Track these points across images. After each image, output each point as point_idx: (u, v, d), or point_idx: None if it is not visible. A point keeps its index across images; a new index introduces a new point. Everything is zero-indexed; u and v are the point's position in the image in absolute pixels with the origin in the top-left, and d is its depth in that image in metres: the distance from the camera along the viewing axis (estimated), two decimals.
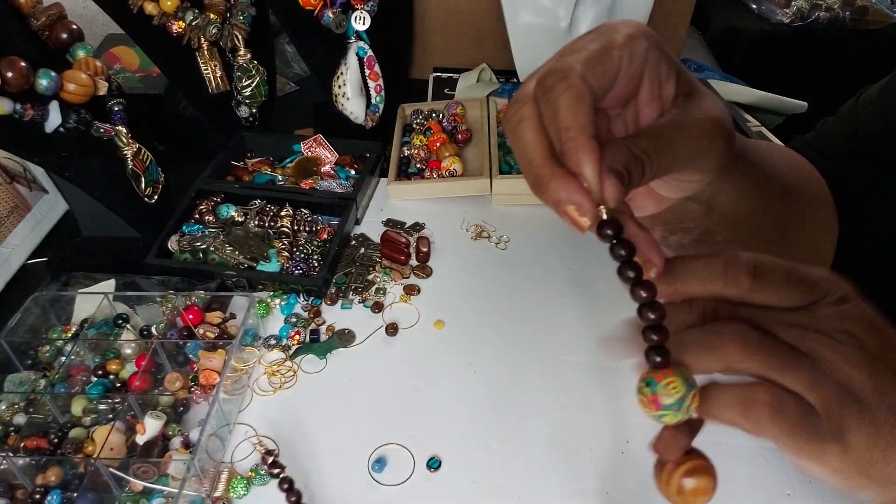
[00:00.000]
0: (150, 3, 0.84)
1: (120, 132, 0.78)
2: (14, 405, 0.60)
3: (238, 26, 0.89)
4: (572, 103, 0.30)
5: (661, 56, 0.34)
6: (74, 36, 0.75)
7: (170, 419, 0.59)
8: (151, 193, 0.83)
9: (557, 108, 0.30)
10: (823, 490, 0.56)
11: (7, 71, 0.64)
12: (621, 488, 0.56)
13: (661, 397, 0.28)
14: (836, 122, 0.57)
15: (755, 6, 1.39)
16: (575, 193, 0.29)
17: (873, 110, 0.53)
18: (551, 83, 0.31)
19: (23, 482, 0.54)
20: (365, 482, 0.56)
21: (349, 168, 0.91)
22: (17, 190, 0.80)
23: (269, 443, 0.59)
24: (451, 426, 0.61)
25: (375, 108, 0.99)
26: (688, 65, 1.18)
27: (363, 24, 0.94)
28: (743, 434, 0.30)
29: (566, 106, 0.30)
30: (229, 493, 0.55)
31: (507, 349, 0.68)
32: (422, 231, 0.83)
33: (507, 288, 0.75)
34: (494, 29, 1.09)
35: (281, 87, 1.11)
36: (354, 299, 0.74)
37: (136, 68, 1.02)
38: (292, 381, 0.65)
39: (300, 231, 0.80)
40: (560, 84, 0.30)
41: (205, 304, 0.69)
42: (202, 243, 0.76)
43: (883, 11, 1.35)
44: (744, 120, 0.94)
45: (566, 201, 0.29)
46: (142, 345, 0.65)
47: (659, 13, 1.06)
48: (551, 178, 0.30)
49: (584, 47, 0.32)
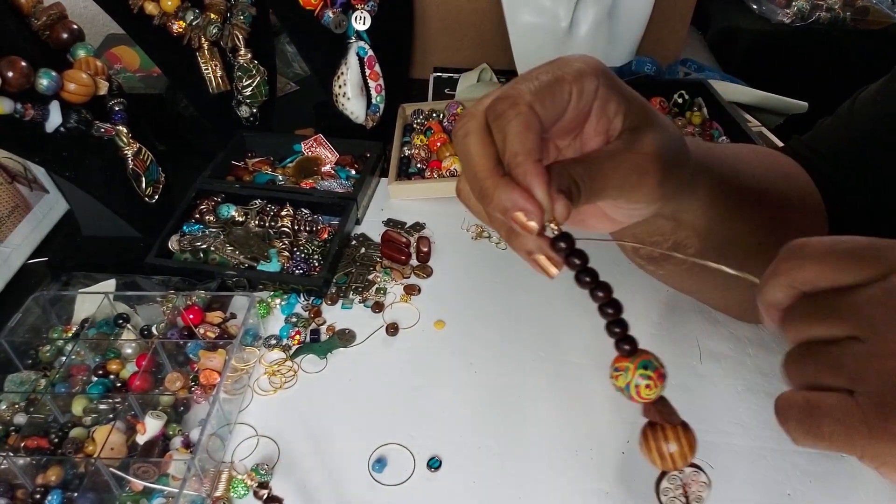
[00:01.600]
0: (151, 3, 0.84)
1: (120, 132, 0.79)
2: (14, 405, 0.60)
3: (238, 26, 0.89)
4: (521, 130, 0.32)
5: (611, 94, 0.35)
6: (75, 36, 0.75)
7: (170, 419, 0.59)
8: (152, 193, 0.83)
9: (506, 133, 0.32)
10: (823, 490, 0.56)
11: (7, 71, 0.64)
12: (621, 488, 0.56)
13: (661, 367, 0.32)
14: (834, 122, 0.57)
15: (755, 6, 1.39)
16: (520, 199, 0.31)
17: (871, 110, 0.53)
18: (501, 109, 0.33)
19: (23, 482, 0.54)
20: (365, 482, 0.56)
21: (350, 168, 0.91)
22: (17, 190, 0.80)
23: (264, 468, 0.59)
24: (452, 426, 0.61)
25: (376, 108, 0.99)
26: (687, 65, 1.18)
27: (363, 24, 0.94)
28: (743, 434, 0.31)
29: (515, 132, 0.32)
30: (230, 493, 0.55)
31: (507, 349, 0.68)
32: (422, 231, 0.84)
33: (508, 288, 0.75)
34: (495, 29, 1.09)
35: (281, 87, 1.11)
36: (355, 299, 0.74)
37: (136, 68, 1.02)
38: (293, 380, 0.65)
39: (301, 231, 0.80)
40: (510, 111, 0.32)
41: (205, 303, 0.69)
42: (203, 243, 0.76)
43: (883, 11, 1.35)
44: (744, 120, 0.94)
45: (512, 208, 0.31)
46: (142, 344, 0.65)
47: (659, 13, 1.06)
48: (496, 188, 0.32)
49: (536, 78, 0.34)
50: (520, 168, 0.31)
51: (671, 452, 0.34)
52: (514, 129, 0.32)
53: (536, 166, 0.31)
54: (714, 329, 0.68)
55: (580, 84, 0.34)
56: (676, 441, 0.33)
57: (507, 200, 0.31)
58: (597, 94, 0.35)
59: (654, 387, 0.32)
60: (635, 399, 0.33)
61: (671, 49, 1.15)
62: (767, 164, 0.53)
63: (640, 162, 0.36)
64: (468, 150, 0.33)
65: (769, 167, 0.52)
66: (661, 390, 0.33)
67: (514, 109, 0.32)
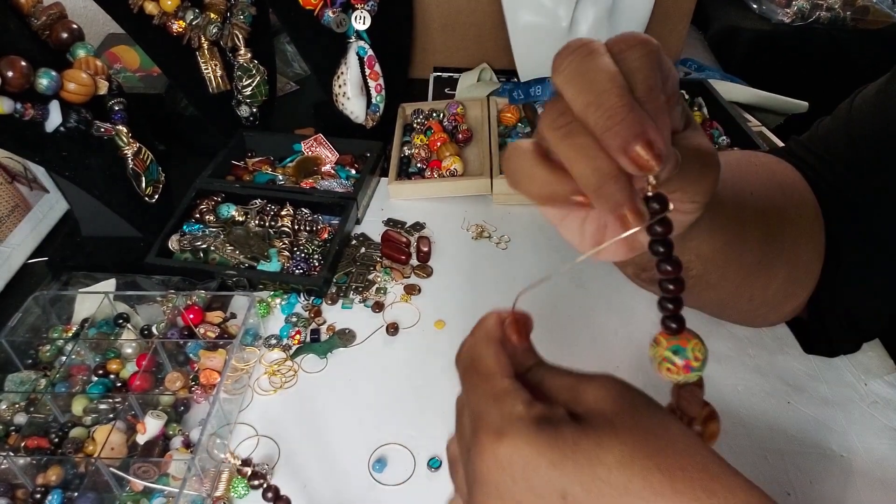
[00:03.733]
0: (151, 3, 0.84)
1: (120, 132, 0.78)
2: (15, 405, 0.60)
3: (238, 26, 0.89)
4: (654, 66, 0.29)
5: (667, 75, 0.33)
6: (75, 35, 0.75)
7: (170, 419, 0.59)
8: (152, 193, 0.83)
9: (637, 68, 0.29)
10: (824, 490, 0.56)
11: (7, 70, 0.64)
12: None
13: (693, 361, 0.31)
14: (832, 122, 0.57)
15: (755, 6, 1.39)
16: (652, 131, 0.28)
17: (869, 110, 0.53)
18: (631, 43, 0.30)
19: (23, 482, 0.54)
20: (365, 482, 0.56)
21: (350, 168, 0.91)
22: (17, 189, 0.80)
23: (251, 445, 0.59)
24: (452, 426, 0.61)
25: (376, 108, 0.99)
26: (688, 65, 1.18)
27: (363, 24, 0.94)
28: (743, 434, 0.31)
29: (650, 67, 0.29)
30: (230, 493, 0.55)
31: None
32: (422, 231, 0.83)
33: (508, 288, 0.75)
34: (495, 29, 1.09)
35: (281, 87, 1.11)
36: (355, 299, 0.74)
37: (136, 68, 1.02)
38: (293, 380, 0.65)
39: (301, 230, 0.80)
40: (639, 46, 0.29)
41: (205, 303, 0.69)
42: (203, 243, 0.76)
43: (883, 11, 1.35)
44: (744, 120, 0.94)
45: (641, 136, 0.27)
46: (142, 344, 0.65)
47: (659, 13, 1.06)
48: (630, 110, 0.28)
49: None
50: (654, 103, 0.28)
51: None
52: (648, 64, 0.29)
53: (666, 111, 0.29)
54: (714, 329, 0.68)
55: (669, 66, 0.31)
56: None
57: (638, 126, 0.27)
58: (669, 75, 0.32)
59: (675, 373, 0.31)
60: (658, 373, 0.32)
61: (671, 49, 1.15)
62: (764, 178, 0.52)
63: (704, 155, 0.34)
64: (596, 66, 0.29)
65: (766, 182, 0.52)
66: (683, 379, 0.32)
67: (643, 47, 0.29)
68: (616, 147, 0.28)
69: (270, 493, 0.53)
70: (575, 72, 0.29)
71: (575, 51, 0.29)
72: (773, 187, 0.52)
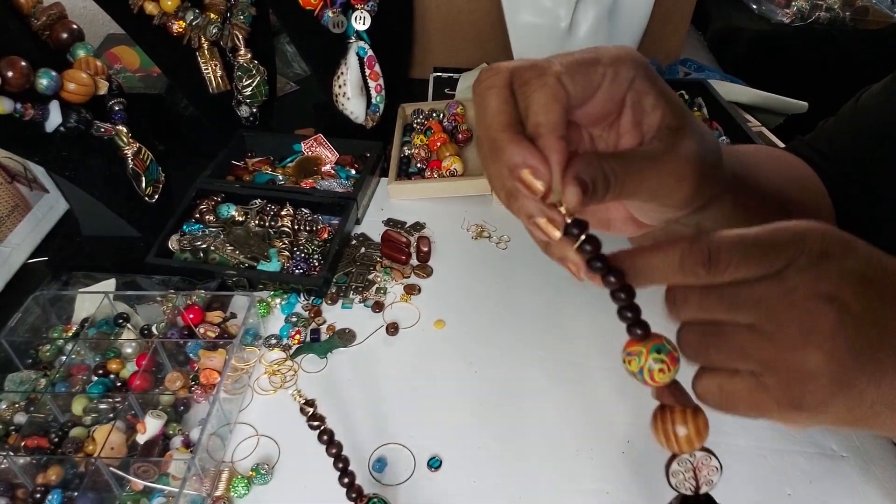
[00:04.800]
0: (151, 3, 0.84)
1: (120, 132, 0.78)
2: (14, 404, 0.60)
3: (238, 26, 0.89)
4: (546, 101, 0.31)
5: (649, 88, 0.34)
6: (75, 35, 0.75)
7: (170, 418, 0.59)
8: (152, 193, 0.83)
9: (531, 102, 0.31)
10: (824, 490, 0.56)
11: (7, 70, 0.64)
12: (621, 488, 0.56)
13: (674, 351, 0.32)
14: (837, 122, 0.57)
15: (755, 6, 1.39)
16: (531, 157, 0.30)
17: (874, 111, 0.53)
18: (528, 77, 0.31)
19: (23, 481, 0.54)
20: (365, 482, 0.56)
21: (350, 168, 0.91)
22: (17, 189, 0.80)
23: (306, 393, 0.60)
24: (452, 426, 0.61)
25: (376, 108, 0.99)
26: (688, 65, 1.18)
27: (363, 24, 0.94)
28: (743, 434, 0.31)
29: (540, 103, 0.31)
30: (230, 493, 0.55)
31: (508, 349, 0.68)
32: (422, 231, 0.84)
33: (508, 288, 0.75)
34: (495, 29, 1.09)
35: (281, 87, 1.11)
36: (355, 299, 0.74)
37: (136, 68, 1.02)
38: (293, 380, 0.65)
39: (301, 230, 0.80)
40: (536, 80, 0.31)
41: (205, 303, 0.69)
42: (203, 243, 0.76)
43: (883, 11, 1.35)
44: (744, 120, 0.94)
45: (521, 164, 0.30)
46: (142, 344, 0.65)
47: (659, 13, 1.06)
48: (509, 143, 0.30)
49: (570, 55, 0.33)
50: (541, 140, 0.30)
51: (681, 435, 0.33)
52: (539, 99, 0.31)
53: (558, 142, 0.30)
54: None
55: (615, 68, 0.33)
56: (686, 424, 0.33)
57: (518, 156, 0.30)
58: (632, 85, 0.34)
59: (667, 370, 0.32)
60: (649, 383, 0.32)
61: (671, 49, 1.15)
62: (781, 168, 0.52)
63: (680, 167, 0.35)
64: (487, 103, 0.32)
65: (782, 172, 0.52)
66: (674, 374, 0.32)
67: (541, 79, 0.31)
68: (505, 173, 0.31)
69: (325, 436, 0.53)
70: (476, 103, 0.33)
71: (479, 82, 0.33)
72: (790, 179, 0.52)
